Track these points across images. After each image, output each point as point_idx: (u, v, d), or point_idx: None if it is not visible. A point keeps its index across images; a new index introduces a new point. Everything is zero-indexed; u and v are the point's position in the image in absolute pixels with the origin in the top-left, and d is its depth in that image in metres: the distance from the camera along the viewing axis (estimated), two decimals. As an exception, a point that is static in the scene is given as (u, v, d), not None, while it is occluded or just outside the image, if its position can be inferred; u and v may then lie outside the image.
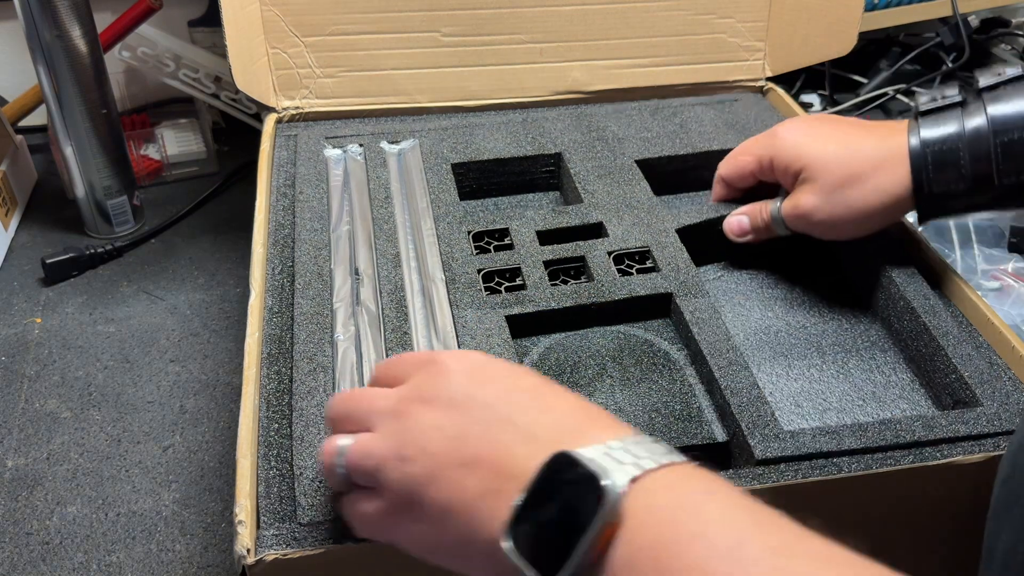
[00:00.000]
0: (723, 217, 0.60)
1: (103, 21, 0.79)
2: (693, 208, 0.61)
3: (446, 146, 0.69)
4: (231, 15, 0.67)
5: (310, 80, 0.73)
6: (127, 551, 0.52)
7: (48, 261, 0.73)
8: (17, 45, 0.76)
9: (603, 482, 0.28)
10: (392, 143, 0.70)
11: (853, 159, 0.50)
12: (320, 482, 0.42)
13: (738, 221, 0.58)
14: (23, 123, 0.89)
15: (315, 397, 0.47)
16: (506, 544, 0.30)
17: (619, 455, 0.30)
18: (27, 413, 0.61)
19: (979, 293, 0.53)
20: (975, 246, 0.68)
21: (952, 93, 0.49)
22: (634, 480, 0.29)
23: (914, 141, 0.49)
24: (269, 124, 0.72)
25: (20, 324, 0.69)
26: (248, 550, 0.39)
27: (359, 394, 0.38)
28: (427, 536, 0.34)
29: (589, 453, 0.30)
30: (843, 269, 0.61)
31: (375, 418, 0.36)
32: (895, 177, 0.49)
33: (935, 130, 0.48)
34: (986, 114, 0.47)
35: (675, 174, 0.68)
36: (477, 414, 0.33)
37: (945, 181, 0.48)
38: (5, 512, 0.54)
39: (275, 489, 0.43)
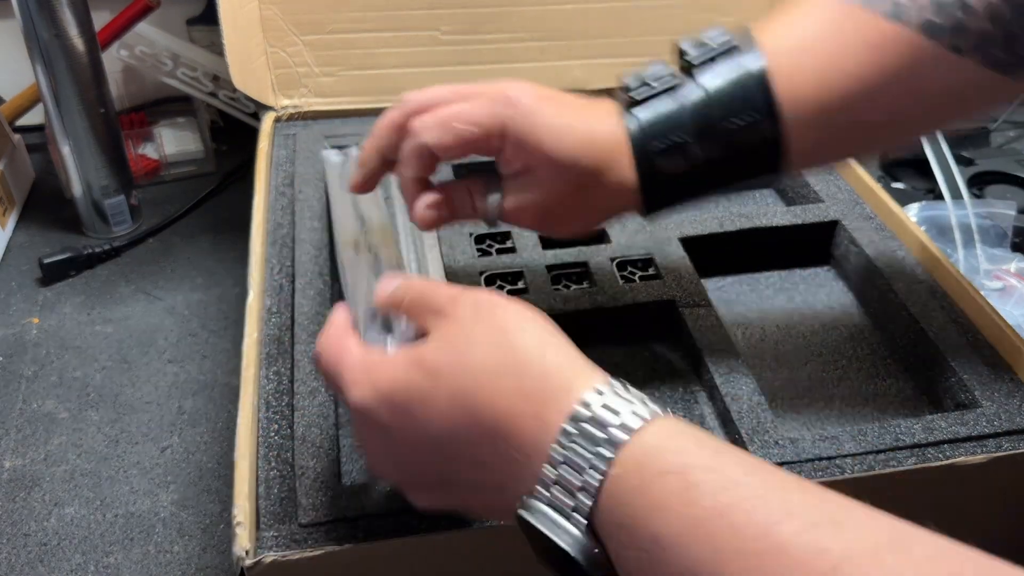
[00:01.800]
0: (726, 232, 0.59)
1: (101, 20, 0.78)
2: (695, 216, 0.61)
3: (446, 145, 0.69)
4: (229, 14, 0.67)
5: (309, 79, 0.73)
6: (125, 552, 0.52)
7: (46, 261, 0.73)
8: (14, 44, 0.75)
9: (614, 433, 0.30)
10: (391, 142, 0.69)
11: (587, 155, 0.42)
12: (321, 482, 0.42)
13: (434, 216, 0.46)
14: (20, 122, 0.88)
15: (316, 397, 0.47)
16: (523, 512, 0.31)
17: (614, 402, 0.32)
18: (25, 414, 0.61)
19: (982, 293, 0.53)
20: (977, 246, 0.68)
21: (664, 75, 0.43)
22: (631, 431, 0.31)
23: (632, 126, 0.43)
24: (267, 123, 0.71)
25: (18, 324, 0.69)
26: (247, 551, 0.39)
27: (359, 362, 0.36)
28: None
29: (592, 402, 0.32)
30: (844, 275, 0.60)
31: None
32: (624, 172, 0.43)
33: (652, 113, 0.43)
34: (705, 91, 0.42)
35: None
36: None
37: (671, 167, 0.43)
38: (3, 513, 0.54)
39: (275, 490, 0.42)
